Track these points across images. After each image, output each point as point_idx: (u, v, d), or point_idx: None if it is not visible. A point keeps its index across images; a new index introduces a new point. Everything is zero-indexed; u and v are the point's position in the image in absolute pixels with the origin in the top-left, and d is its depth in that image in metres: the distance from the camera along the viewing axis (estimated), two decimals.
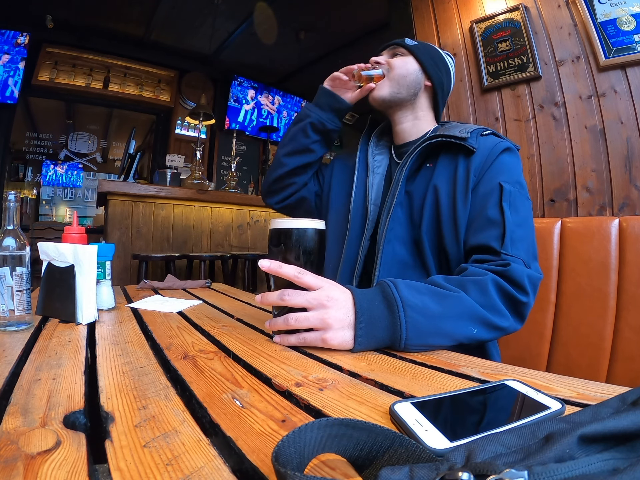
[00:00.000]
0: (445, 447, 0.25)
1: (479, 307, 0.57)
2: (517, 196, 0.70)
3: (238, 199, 2.72)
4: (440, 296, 0.55)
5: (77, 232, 0.72)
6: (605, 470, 0.17)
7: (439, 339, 0.53)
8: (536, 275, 0.64)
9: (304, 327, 0.50)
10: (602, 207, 1.68)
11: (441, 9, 2.26)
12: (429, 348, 0.53)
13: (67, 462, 0.24)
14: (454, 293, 0.56)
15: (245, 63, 4.71)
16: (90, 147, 5.21)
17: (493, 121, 2.03)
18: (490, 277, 0.60)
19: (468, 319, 0.55)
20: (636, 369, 0.80)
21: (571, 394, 0.36)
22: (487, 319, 0.57)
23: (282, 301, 0.51)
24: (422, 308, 0.52)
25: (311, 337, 0.50)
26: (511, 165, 0.73)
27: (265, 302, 0.53)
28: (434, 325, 0.52)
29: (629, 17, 1.63)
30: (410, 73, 0.85)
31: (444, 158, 0.76)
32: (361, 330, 0.49)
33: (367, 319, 0.50)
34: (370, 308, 0.51)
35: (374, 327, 0.50)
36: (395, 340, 0.50)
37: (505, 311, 0.60)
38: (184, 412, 0.31)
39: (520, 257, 0.64)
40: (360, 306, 0.50)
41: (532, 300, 0.63)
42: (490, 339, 0.61)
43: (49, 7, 3.59)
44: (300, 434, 0.22)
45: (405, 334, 0.50)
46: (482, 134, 0.77)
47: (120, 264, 2.23)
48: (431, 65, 0.86)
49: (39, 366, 0.41)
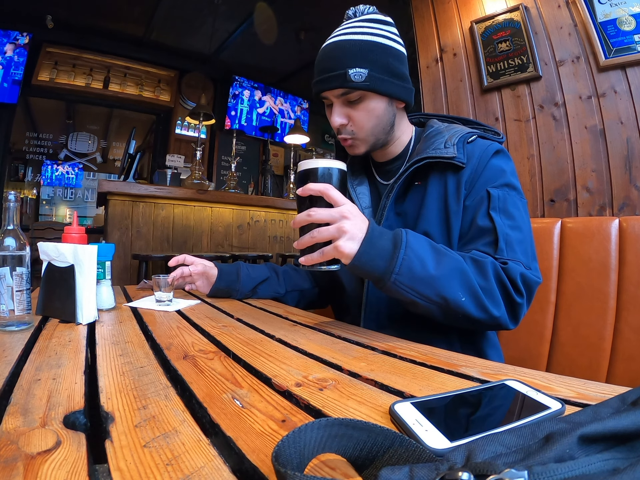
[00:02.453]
0: (445, 447, 0.25)
1: (475, 282, 0.58)
2: (508, 199, 0.68)
3: (238, 199, 2.72)
4: (440, 254, 0.59)
5: (77, 232, 0.72)
6: (605, 470, 0.17)
7: (427, 288, 0.56)
8: (533, 278, 0.63)
9: (325, 238, 0.55)
10: (602, 207, 1.68)
11: (441, 9, 2.26)
12: (415, 296, 0.56)
13: (67, 462, 0.24)
14: (455, 257, 0.59)
15: (245, 63, 4.71)
16: (90, 147, 5.21)
17: (493, 121, 2.03)
18: (491, 261, 0.60)
19: (460, 284, 0.57)
20: (636, 369, 0.80)
21: (571, 394, 0.36)
22: (479, 296, 0.58)
23: (309, 217, 0.55)
24: (422, 256, 0.57)
25: (328, 248, 0.55)
26: (501, 169, 0.71)
27: (295, 223, 0.58)
28: (426, 274, 0.56)
29: (629, 17, 1.63)
30: (381, 116, 0.72)
31: (434, 176, 0.73)
32: (364, 248, 0.55)
33: (373, 243, 0.55)
34: (379, 237, 0.56)
35: (375, 252, 0.55)
36: (387, 272, 0.55)
37: (500, 300, 0.60)
38: (184, 412, 0.31)
39: (519, 259, 0.63)
40: (372, 231, 0.56)
41: (525, 303, 0.62)
42: (477, 319, 0.59)
43: (49, 7, 3.59)
44: (300, 434, 0.22)
45: (399, 269, 0.55)
46: (468, 141, 0.72)
47: (120, 264, 2.22)
48: (396, 86, 0.71)
49: (39, 366, 0.41)
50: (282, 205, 2.91)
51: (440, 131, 0.75)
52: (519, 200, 0.70)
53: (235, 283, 0.89)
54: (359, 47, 0.68)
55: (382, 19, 0.73)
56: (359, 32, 0.70)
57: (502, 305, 0.60)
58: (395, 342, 0.56)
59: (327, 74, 0.69)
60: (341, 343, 0.55)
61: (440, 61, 2.25)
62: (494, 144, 0.73)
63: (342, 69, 0.67)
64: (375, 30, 0.70)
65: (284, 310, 0.80)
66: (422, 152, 0.72)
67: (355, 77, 0.67)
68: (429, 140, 0.75)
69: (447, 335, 0.73)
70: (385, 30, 0.71)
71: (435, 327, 0.73)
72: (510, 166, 0.74)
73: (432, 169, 0.73)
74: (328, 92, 0.71)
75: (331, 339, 0.57)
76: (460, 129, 0.75)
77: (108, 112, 5.03)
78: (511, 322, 0.62)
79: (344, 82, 0.67)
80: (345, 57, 0.68)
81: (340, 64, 0.68)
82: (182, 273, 0.89)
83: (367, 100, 0.70)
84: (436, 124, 0.79)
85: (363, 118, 0.71)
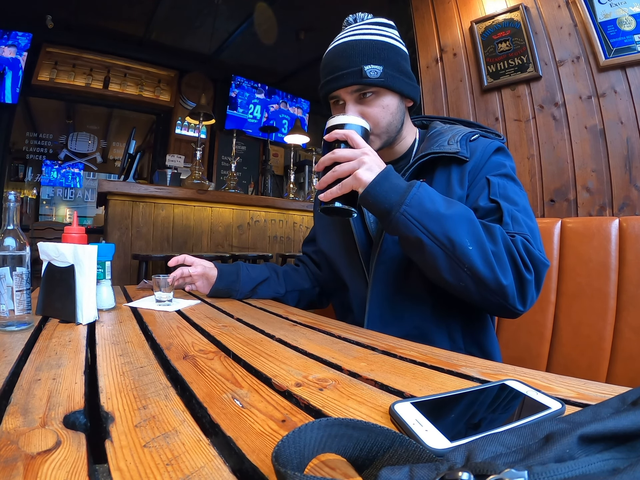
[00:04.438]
0: (445, 447, 0.25)
1: (485, 239, 0.58)
2: (508, 187, 0.69)
3: (238, 199, 2.72)
4: (452, 202, 0.61)
5: (77, 232, 0.72)
6: (605, 470, 0.17)
7: (435, 225, 0.57)
8: (540, 257, 0.60)
9: (345, 172, 0.60)
10: (602, 207, 1.68)
11: (441, 9, 2.26)
12: (422, 231, 0.57)
13: (67, 462, 0.24)
14: (467, 208, 0.61)
15: (245, 63, 4.70)
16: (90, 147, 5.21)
17: (493, 121, 2.03)
18: (500, 228, 0.60)
19: (468, 232, 0.57)
20: (636, 369, 0.80)
21: (571, 394, 0.36)
22: (487, 253, 0.57)
23: (333, 154, 0.61)
24: (433, 197, 0.59)
25: (347, 180, 0.60)
26: (501, 163, 0.72)
27: (319, 164, 0.63)
28: (436, 211, 0.58)
29: (629, 17, 1.63)
30: (395, 113, 0.74)
31: (439, 170, 0.74)
32: (380, 179, 0.59)
33: (389, 178, 0.60)
34: (396, 177, 0.61)
35: (389, 185, 0.59)
36: (398, 203, 0.58)
37: (508, 268, 0.58)
38: (184, 412, 0.31)
39: (525, 233, 0.62)
40: (390, 170, 0.61)
41: (534, 283, 0.60)
42: (483, 280, 0.57)
43: (49, 7, 3.59)
44: (300, 434, 0.22)
45: (410, 201, 0.57)
46: (471, 139, 0.74)
47: (120, 264, 2.22)
48: (407, 84, 0.74)
49: (39, 366, 0.41)
50: (282, 205, 2.91)
51: (444, 131, 0.77)
52: (519, 190, 0.70)
53: (235, 283, 0.89)
54: (371, 45, 0.70)
55: (386, 22, 0.75)
56: (368, 33, 0.72)
57: (510, 274, 0.58)
58: (395, 342, 0.56)
59: (340, 71, 0.70)
60: (341, 343, 0.55)
61: (440, 61, 2.25)
62: (495, 142, 0.75)
63: (357, 66, 0.69)
64: (383, 32, 0.73)
65: (284, 310, 0.79)
66: (426, 150, 0.73)
67: (370, 73, 0.69)
68: (432, 139, 0.76)
69: (449, 332, 0.74)
70: (391, 32, 0.74)
71: (438, 325, 0.73)
72: (511, 163, 0.75)
73: (436, 165, 0.74)
74: (341, 89, 0.72)
75: (331, 339, 0.57)
76: (462, 128, 0.77)
77: (108, 112, 5.03)
78: (519, 301, 0.59)
79: (360, 79, 0.69)
80: (360, 54, 0.70)
81: (354, 62, 0.69)
82: (182, 273, 0.89)
83: (381, 97, 0.72)
84: (439, 125, 0.81)
85: (378, 114, 0.72)
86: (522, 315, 0.63)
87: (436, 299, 0.73)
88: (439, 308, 0.73)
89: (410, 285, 0.74)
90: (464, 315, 0.74)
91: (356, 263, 0.81)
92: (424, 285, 0.73)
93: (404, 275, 0.74)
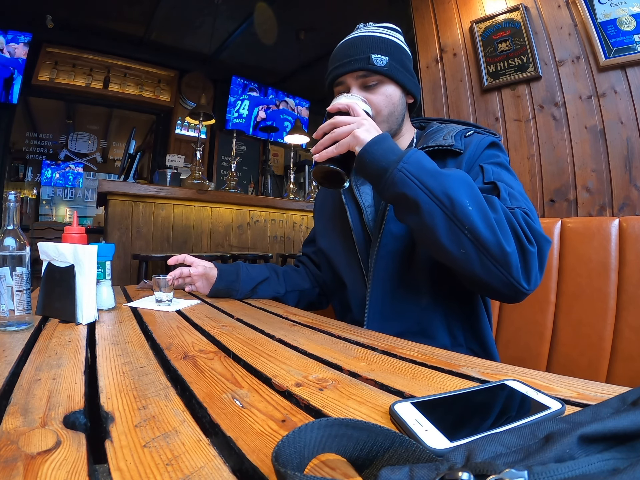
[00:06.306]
0: (445, 447, 0.25)
1: (486, 205, 0.55)
2: (502, 173, 0.68)
3: (238, 199, 2.72)
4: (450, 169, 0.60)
5: (77, 232, 0.72)
6: (605, 470, 0.17)
7: (434, 181, 0.56)
8: (542, 232, 0.58)
9: (344, 133, 0.61)
10: (602, 207, 1.68)
11: (441, 9, 2.26)
12: (420, 188, 0.55)
13: (67, 462, 0.24)
14: (465, 173, 0.60)
15: (245, 63, 4.70)
16: (90, 147, 5.21)
17: (493, 121, 2.03)
18: (498, 200, 0.58)
19: (467, 193, 0.55)
20: (636, 369, 0.80)
21: (571, 394, 0.36)
22: (487, 214, 0.54)
23: (334, 118, 0.62)
24: (431, 160, 0.60)
25: (345, 139, 0.60)
26: (495, 154, 0.73)
27: (318, 132, 0.64)
28: (434, 169, 0.57)
29: (629, 17, 1.63)
30: (396, 104, 0.76)
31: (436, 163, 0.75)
32: (378, 139, 0.59)
33: (386, 140, 0.60)
34: (394, 142, 0.62)
35: (387, 146, 0.59)
36: (395, 162, 0.57)
37: (510, 235, 0.55)
38: (184, 412, 0.31)
39: (524, 207, 0.61)
40: (388, 135, 0.61)
41: (537, 256, 0.56)
42: (485, 243, 0.54)
43: (49, 7, 3.59)
44: (300, 434, 0.22)
45: (407, 158, 0.57)
46: (466, 135, 0.75)
47: (120, 264, 2.22)
48: (409, 80, 0.77)
49: (39, 366, 0.41)
50: (282, 205, 2.91)
51: (439, 129, 0.79)
52: (514, 179, 0.70)
53: (235, 283, 0.89)
54: (379, 40, 0.75)
55: (394, 27, 0.80)
56: (377, 32, 0.76)
57: (512, 242, 0.55)
58: (395, 342, 0.56)
59: (348, 58, 0.74)
60: (341, 343, 0.55)
61: (440, 61, 2.25)
62: (489, 137, 0.75)
63: (364, 54, 0.73)
64: (390, 33, 0.78)
65: (284, 310, 0.80)
66: (422, 145, 0.75)
67: (377, 61, 0.72)
68: (428, 136, 0.78)
69: (450, 328, 0.74)
70: (397, 35, 0.79)
71: (438, 320, 0.74)
72: (505, 156, 0.75)
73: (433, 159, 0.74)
74: (348, 75, 0.74)
75: (331, 339, 0.57)
76: (458, 126, 0.79)
77: (108, 112, 5.03)
78: (523, 275, 0.55)
79: (366, 65, 0.72)
80: (368, 45, 0.74)
81: (362, 50, 0.73)
82: (181, 273, 0.89)
83: (385, 86, 0.75)
84: (435, 125, 0.83)
85: (381, 102, 0.75)
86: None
87: (436, 294, 0.73)
88: (440, 303, 0.74)
89: (410, 281, 0.75)
90: (464, 311, 0.75)
91: (355, 260, 0.81)
92: (425, 281, 0.73)
93: (404, 271, 0.75)
